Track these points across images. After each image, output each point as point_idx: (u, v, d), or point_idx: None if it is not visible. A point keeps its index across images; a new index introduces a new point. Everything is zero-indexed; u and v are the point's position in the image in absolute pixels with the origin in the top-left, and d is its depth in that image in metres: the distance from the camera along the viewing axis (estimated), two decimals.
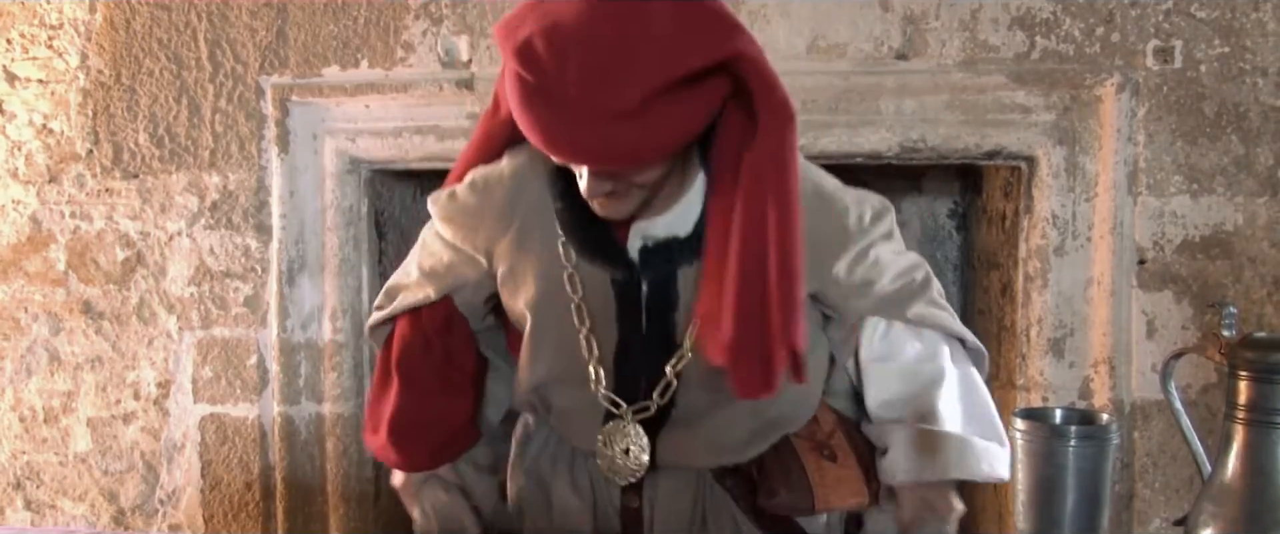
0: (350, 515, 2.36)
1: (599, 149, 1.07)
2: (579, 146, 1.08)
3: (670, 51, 1.03)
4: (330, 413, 2.34)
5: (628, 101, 1.02)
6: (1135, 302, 2.10)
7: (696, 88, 1.07)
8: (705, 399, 1.34)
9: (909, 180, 2.79)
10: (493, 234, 1.35)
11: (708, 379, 1.29)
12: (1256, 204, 2.07)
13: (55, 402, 2.43)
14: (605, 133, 1.05)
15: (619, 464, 1.34)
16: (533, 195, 1.31)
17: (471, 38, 2.20)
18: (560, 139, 1.08)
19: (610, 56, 1.03)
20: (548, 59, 1.04)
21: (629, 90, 1.02)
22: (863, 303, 1.38)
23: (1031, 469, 1.15)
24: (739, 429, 1.38)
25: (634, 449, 1.32)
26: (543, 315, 1.33)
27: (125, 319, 2.38)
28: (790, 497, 1.37)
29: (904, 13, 2.09)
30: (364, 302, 2.36)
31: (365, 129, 2.28)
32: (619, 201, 1.19)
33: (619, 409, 1.32)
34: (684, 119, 1.09)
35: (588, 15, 1.04)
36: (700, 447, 1.38)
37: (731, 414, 1.35)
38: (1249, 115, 2.05)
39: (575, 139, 1.07)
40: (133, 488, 2.42)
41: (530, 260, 1.32)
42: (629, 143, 1.06)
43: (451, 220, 1.39)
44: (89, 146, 2.36)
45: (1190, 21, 2.05)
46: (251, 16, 2.27)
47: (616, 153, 1.07)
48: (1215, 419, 1.94)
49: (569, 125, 1.06)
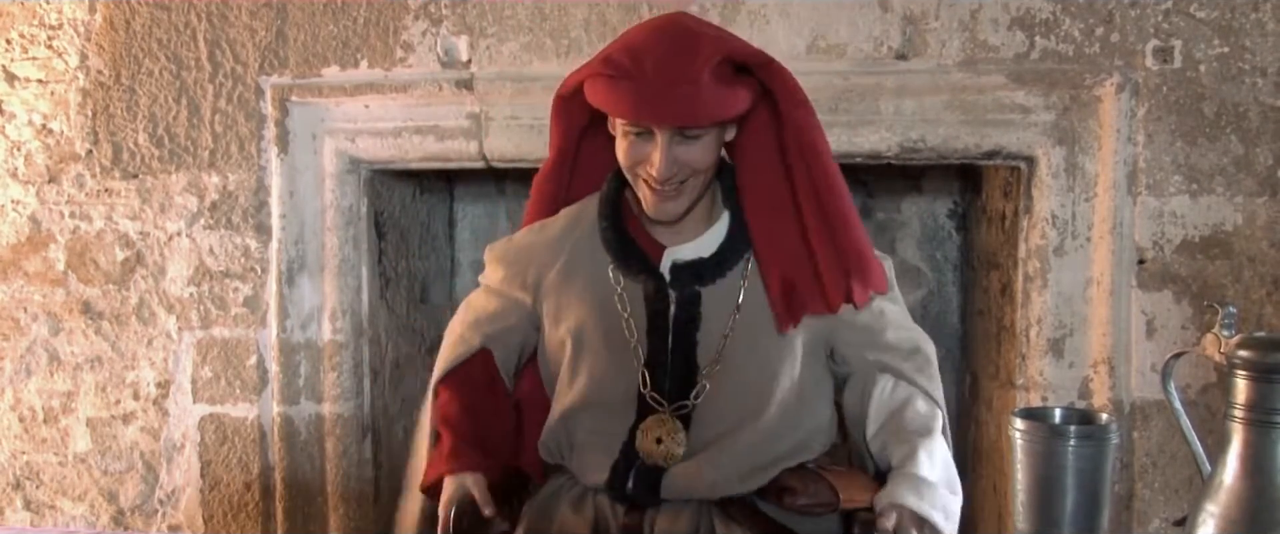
0: (350, 515, 2.36)
1: (679, 106, 1.31)
2: (662, 105, 1.32)
3: (721, 43, 1.34)
4: (330, 413, 2.34)
5: (693, 73, 1.30)
6: (1135, 302, 2.10)
7: (738, 77, 1.35)
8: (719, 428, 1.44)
9: (909, 180, 2.79)
10: (543, 267, 1.52)
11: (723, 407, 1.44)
12: (1256, 204, 2.07)
13: (55, 402, 2.43)
14: (677, 94, 1.30)
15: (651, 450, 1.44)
16: (585, 228, 1.51)
17: (471, 38, 2.20)
18: (642, 102, 1.32)
19: (676, 52, 1.32)
20: (628, 61, 1.32)
21: (693, 66, 1.30)
22: (874, 355, 1.48)
23: (1031, 469, 1.15)
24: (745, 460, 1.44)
25: (667, 440, 1.43)
26: (586, 338, 1.47)
27: (125, 319, 2.38)
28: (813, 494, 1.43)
29: (904, 13, 2.09)
30: (363, 302, 2.36)
31: (365, 129, 2.28)
32: (674, 199, 1.39)
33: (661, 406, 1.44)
34: (731, 94, 1.34)
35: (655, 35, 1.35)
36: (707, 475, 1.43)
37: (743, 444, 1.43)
38: (1248, 115, 2.05)
39: (659, 100, 1.31)
40: (132, 488, 2.42)
41: (576, 286, 1.49)
42: (700, 100, 1.31)
43: (505, 259, 1.56)
44: (88, 146, 2.36)
45: (1190, 21, 2.05)
46: (251, 16, 2.27)
47: (694, 107, 1.32)
48: (1215, 419, 1.94)
49: (648, 92, 1.31)
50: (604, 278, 1.48)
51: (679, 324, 1.44)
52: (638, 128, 1.36)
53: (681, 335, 1.44)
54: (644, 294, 1.45)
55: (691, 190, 1.40)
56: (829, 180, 1.41)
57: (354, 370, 2.35)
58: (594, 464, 1.47)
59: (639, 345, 1.45)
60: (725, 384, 1.44)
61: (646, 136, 1.36)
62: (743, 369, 1.44)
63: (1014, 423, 1.17)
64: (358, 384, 2.37)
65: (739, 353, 1.44)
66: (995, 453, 2.41)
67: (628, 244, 1.46)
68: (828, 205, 1.40)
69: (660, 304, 1.44)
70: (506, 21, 2.19)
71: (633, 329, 1.45)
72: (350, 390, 2.35)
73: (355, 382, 2.36)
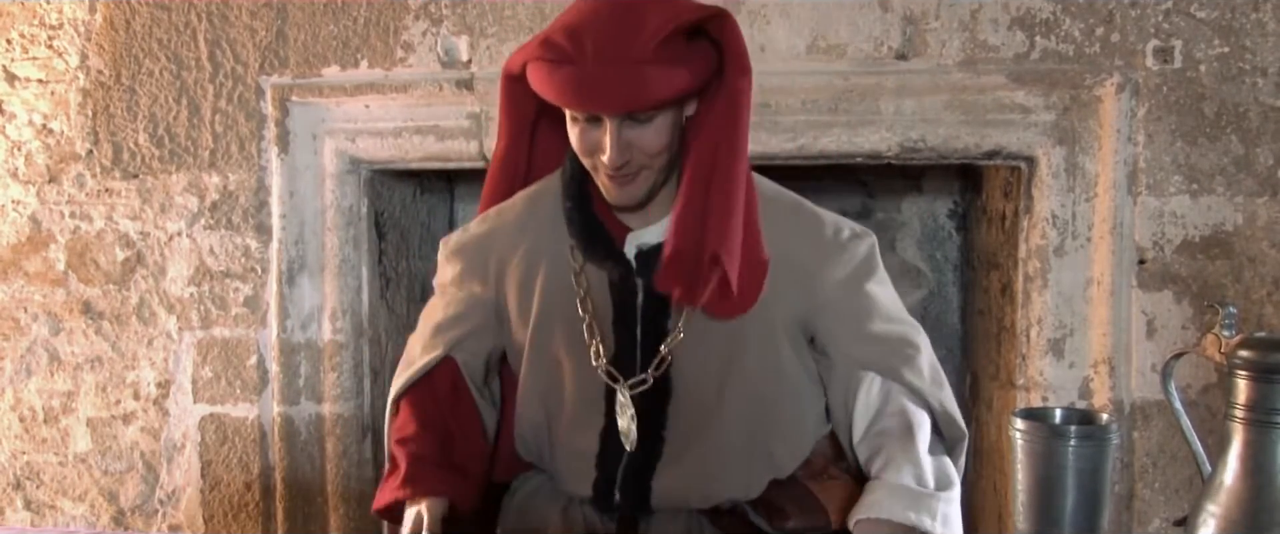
0: (350, 515, 2.36)
1: (620, 90, 1.21)
2: (602, 90, 1.21)
3: (668, 11, 1.21)
4: (330, 413, 2.34)
5: (636, 52, 1.19)
6: (1135, 302, 2.10)
7: (691, 48, 1.23)
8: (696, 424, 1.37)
9: (909, 180, 2.80)
10: (504, 255, 1.42)
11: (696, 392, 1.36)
12: (1256, 204, 2.07)
13: (55, 402, 2.43)
14: (624, 76, 1.20)
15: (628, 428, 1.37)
16: (546, 212, 1.41)
17: (471, 38, 2.20)
18: (584, 89, 1.21)
19: (618, 29, 1.20)
20: (566, 42, 1.21)
21: (636, 44, 1.19)
22: (858, 350, 1.39)
23: (1031, 469, 1.15)
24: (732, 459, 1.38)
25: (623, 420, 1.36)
26: (552, 328, 1.39)
27: (125, 319, 2.38)
28: (803, 517, 1.38)
29: (904, 13, 2.09)
30: (364, 302, 2.36)
31: (365, 129, 2.28)
32: (631, 184, 1.29)
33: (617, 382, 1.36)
34: (688, 67, 1.23)
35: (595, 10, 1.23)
36: (694, 481, 1.38)
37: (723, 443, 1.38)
38: (1249, 115, 2.05)
39: (598, 85, 1.21)
40: (132, 488, 2.42)
41: (539, 272, 1.39)
42: (644, 82, 1.20)
43: (462, 252, 1.46)
44: (89, 147, 2.36)
45: (1190, 21, 2.05)
46: (251, 17, 2.27)
47: (639, 90, 1.21)
48: (1215, 419, 1.95)
49: (591, 77, 1.20)
50: (566, 263, 1.39)
51: (647, 314, 1.36)
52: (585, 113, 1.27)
53: (651, 326, 1.36)
54: (608, 282, 1.36)
55: (649, 175, 1.30)
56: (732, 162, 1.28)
57: (354, 370, 2.35)
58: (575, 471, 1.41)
59: (604, 337, 1.37)
60: (690, 367, 1.36)
61: (596, 122, 1.26)
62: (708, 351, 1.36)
63: (1014, 423, 1.17)
64: (358, 384, 2.37)
65: (701, 333, 1.35)
66: (995, 453, 2.41)
67: (593, 227, 1.36)
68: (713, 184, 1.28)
69: (627, 294, 1.36)
70: (506, 21, 2.19)
71: (595, 317, 1.37)
72: (350, 390, 2.35)
73: (355, 382, 2.36)
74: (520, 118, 1.43)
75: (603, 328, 1.37)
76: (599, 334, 1.37)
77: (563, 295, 1.38)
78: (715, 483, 1.39)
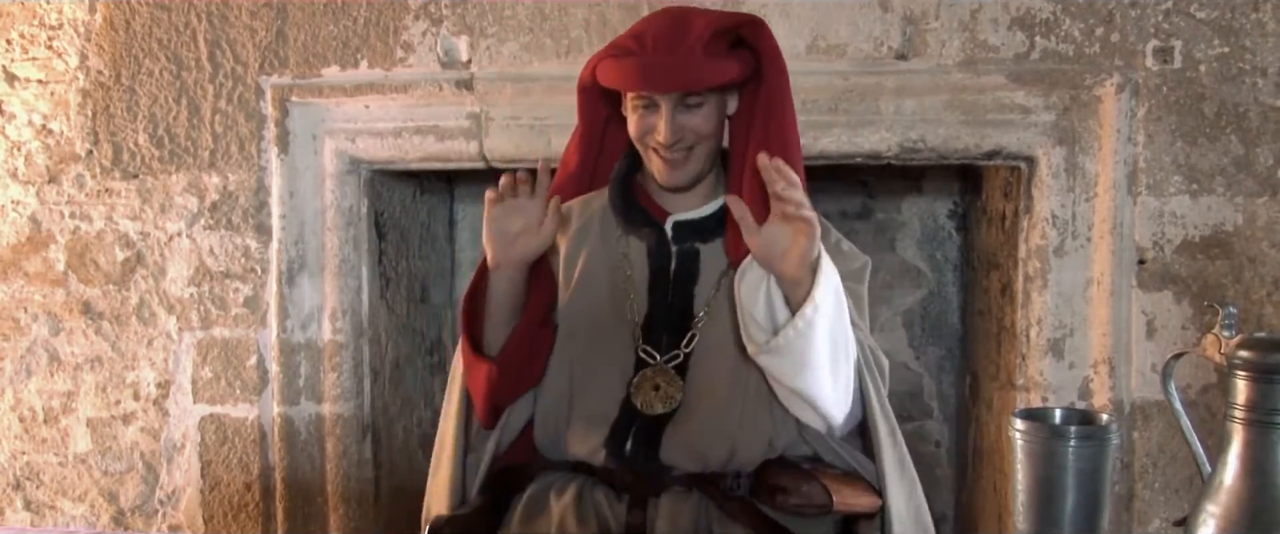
0: (350, 516, 2.36)
1: (675, 73, 1.42)
2: (660, 73, 1.42)
3: (712, 19, 1.45)
4: (330, 413, 2.34)
5: (693, 43, 1.41)
6: (1135, 302, 2.10)
7: (732, 50, 1.45)
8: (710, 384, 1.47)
9: (909, 180, 2.79)
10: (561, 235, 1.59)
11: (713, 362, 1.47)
12: (1256, 204, 2.07)
13: (55, 402, 2.43)
14: (681, 62, 1.41)
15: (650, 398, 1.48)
16: (599, 201, 1.61)
17: (471, 38, 2.20)
18: (646, 72, 1.43)
19: (671, 29, 1.44)
20: (631, 42, 1.45)
21: (687, 39, 1.41)
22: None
23: (1031, 469, 1.15)
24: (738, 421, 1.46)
25: (664, 385, 1.48)
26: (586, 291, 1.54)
27: (125, 319, 2.38)
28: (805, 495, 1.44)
29: (904, 13, 2.09)
30: (364, 302, 2.36)
31: (365, 129, 2.28)
32: (682, 167, 1.48)
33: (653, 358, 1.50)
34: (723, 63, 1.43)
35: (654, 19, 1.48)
36: (703, 438, 1.46)
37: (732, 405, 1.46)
38: (1249, 115, 2.05)
39: (656, 69, 1.42)
40: (132, 488, 2.42)
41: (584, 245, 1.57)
42: (695, 67, 1.41)
43: None
44: (89, 147, 2.36)
45: (1190, 21, 2.05)
46: (251, 17, 2.27)
47: (692, 73, 1.42)
48: (1215, 419, 1.95)
49: (651, 63, 1.43)
50: (612, 243, 1.56)
51: (678, 278, 1.51)
52: (644, 99, 1.45)
53: (679, 289, 1.51)
54: (647, 250, 1.53)
55: (698, 158, 1.49)
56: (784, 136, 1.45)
57: (354, 370, 2.35)
58: (592, 426, 1.49)
59: (638, 301, 1.52)
60: (713, 338, 1.48)
61: (653, 107, 1.45)
62: (731, 324, 1.46)
63: (1014, 423, 1.17)
64: (358, 384, 2.37)
65: (728, 308, 1.46)
66: (995, 453, 2.41)
67: (635, 207, 1.55)
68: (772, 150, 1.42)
69: (662, 260, 1.52)
70: (506, 21, 2.19)
71: (634, 286, 1.53)
72: (350, 390, 2.35)
73: (355, 382, 2.36)
74: (592, 122, 1.60)
75: (638, 292, 1.53)
76: (634, 297, 1.52)
77: (604, 265, 1.55)
78: (721, 441, 1.46)
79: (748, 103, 1.49)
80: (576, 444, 1.50)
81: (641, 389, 1.48)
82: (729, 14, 1.50)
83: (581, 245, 1.57)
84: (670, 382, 1.48)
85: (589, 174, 1.64)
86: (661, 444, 1.46)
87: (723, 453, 1.46)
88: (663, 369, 1.48)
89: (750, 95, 1.49)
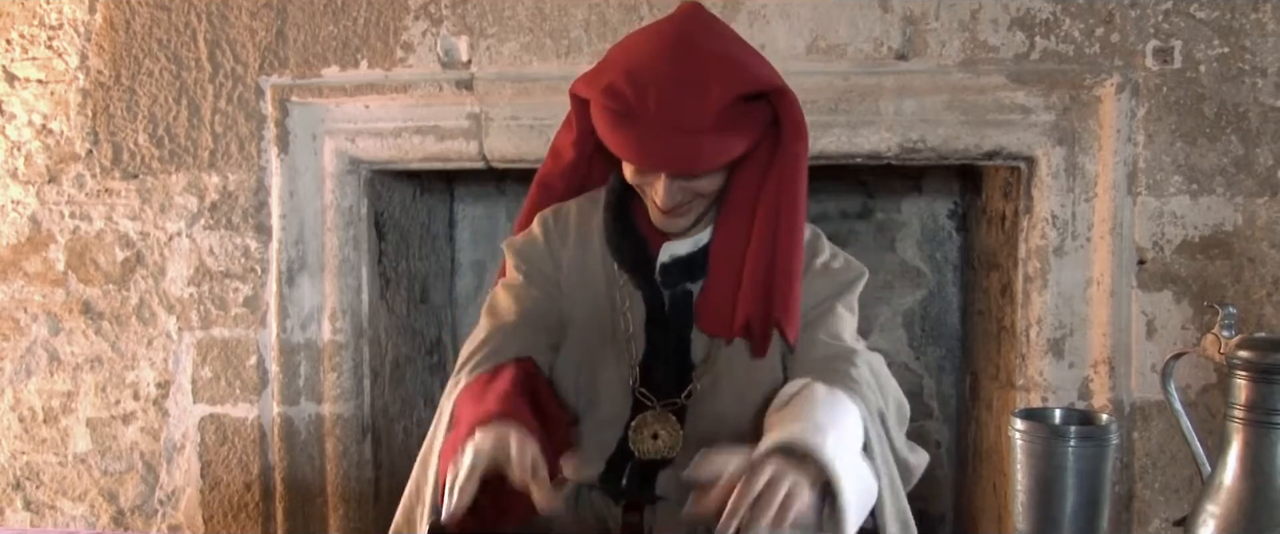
0: (350, 516, 2.36)
1: (682, 156, 1.28)
2: (664, 155, 1.28)
3: (733, 78, 1.26)
4: (330, 413, 2.34)
5: (703, 118, 1.25)
6: (1135, 302, 2.10)
7: (750, 107, 1.30)
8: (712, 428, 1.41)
9: (909, 181, 2.80)
10: (559, 249, 1.50)
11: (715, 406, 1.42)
12: (1256, 204, 2.07)
13: (55, 402, 2.43)
14: (685, 143, 1.26)
15: (648, 447, 1.43)
16: (595, 223, 1.49)
17: (471, 38, 2.20)
18: (648, 150, 1.28)
19: (681, 89, 1.25)
20: (630, 94, 1.27)
21: (700, 111, 1.25)
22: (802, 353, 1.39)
23: (1031, 469, 1.15)
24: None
25: (663, 433, 1.42)
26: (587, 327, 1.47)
27: (125, 319, 2.38)
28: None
29: (904, 13, 2.09)
30: (363, 302, 2.36)
31: (365, 129, 2.28)
32: (683, 215, 1.38)
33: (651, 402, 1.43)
34: (744, 131, 1.30)
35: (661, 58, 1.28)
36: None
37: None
38: (1249, 115, 2.05)
39: (661, 149, 1.27)
40: (132, 488, 2.42)
41: (584, 272, 1.48)
42: (704, 149, 1.27)
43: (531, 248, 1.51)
44: (89, 147, 2.36)
45: (1190, 22, 2.05)
46: (251, 17, 2.27)
47: (696, 158, 1.28)
48: (1215, 419, 1.95)
49: (650, 139, 1.27)
50: (612, 268, 1.47)
51: (672, 322, 1.44)
52: None
53: (674, 332, 1.44)
54: (641, 289, 1.45)
55: (698, 208, 1.39)
56: (791, 222, 1.35)
57: (354, 371, 2.35)
58: (588, 460, 1.45)
59: (634, 341, 1.45)
60: (716, 383, 1.43)
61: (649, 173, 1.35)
62: (733, 368, 1.42)
63: (1014, 424, 1.17)
64: (358, 384, 2.37)
65: (729, 352, 1.42)
66: (995, 453, 2.41)
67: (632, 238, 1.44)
68: (780, 243, 1.36)
69: (656, 300, 1.44)
70: (506, 22, 2.19)
71: (629, 324, 1.45)
72: (350, 391, 2.35)
73: (355, 382, 2.36)
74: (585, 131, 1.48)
75: (636, 329, 1.45)
76: (633, 333, 1.45)
77: (603, 300, 1.47)
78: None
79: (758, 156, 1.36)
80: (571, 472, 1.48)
81: (640, 436, 1.43)
82: (750, 76, 1.29)
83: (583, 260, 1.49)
84: (669, 430, 1.42)
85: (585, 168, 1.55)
86: (657, 484, 1.42)
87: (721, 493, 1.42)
88: (661, 415, 1.43)
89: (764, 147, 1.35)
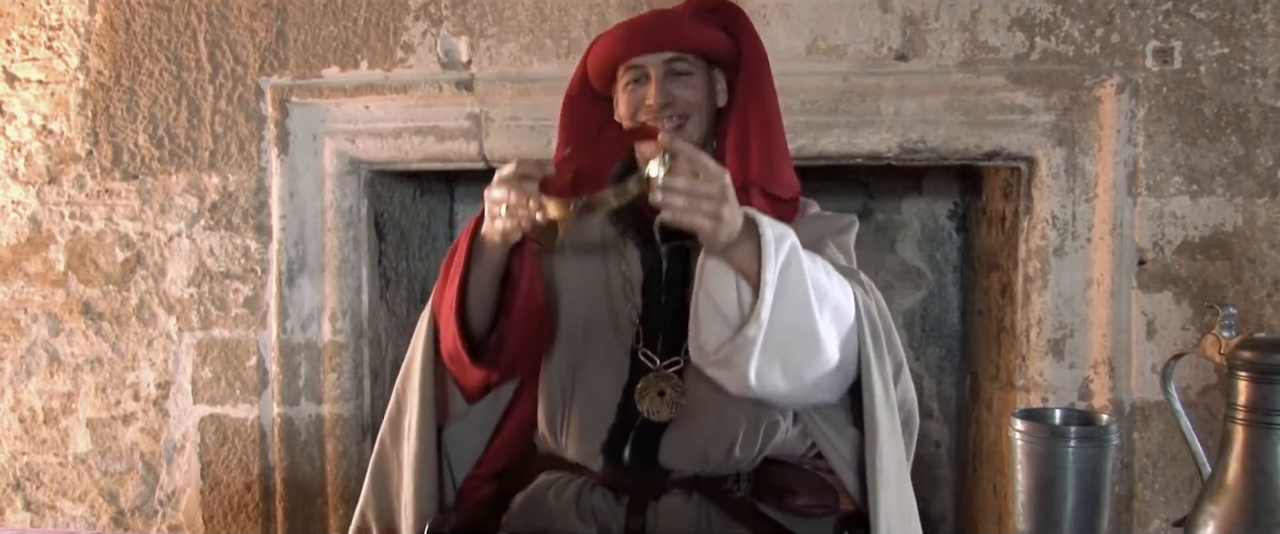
0: (350, 516, 2.34)
1: (663, 34, 1.49)
2: (648, 35, 1.49)
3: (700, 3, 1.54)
4: (330, 414, 2.34)
5: (674, 14, 1.51)
6: (1135, 302, 2.10)
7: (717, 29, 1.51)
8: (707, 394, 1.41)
9: (909, 181, 2.79)
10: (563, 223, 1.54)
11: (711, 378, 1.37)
12: (1256, 205, 2.07)
13: (55, 402, 2.43)
14: (666, 25, 1.50)
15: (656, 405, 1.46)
16: None
17: (471, 38, 2.20)
18: (633, 37, 1.49)
19: (655, 11, 1.55)
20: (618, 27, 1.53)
21: (672, 11, 1.52)
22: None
23: (1031, 469, 1.15)
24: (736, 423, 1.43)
25: (670, 390, 1.46)
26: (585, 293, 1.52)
27: (125, 320, 2.38)
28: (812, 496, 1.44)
29: (904, 13, 2.09)
30: (364, 302, 2.36)
31: (365, 130, 2.28)
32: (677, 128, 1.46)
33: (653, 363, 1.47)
34: (710, 32, 1.50)
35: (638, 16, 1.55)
36: (701, 441, 1.44)
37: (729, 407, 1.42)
38: (1249, 116, 2.05)
39: (645, 32, 1.50)
40: (132, 489, 2.42)
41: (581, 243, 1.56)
42: (681, 30, 1.49)
43: None
44: (89, 147, 2.36)
45: (1190, 22, 2.05)
46: (251, 17, 2.27)
47: (674, 36, 1.49)
48: (1215, 419, 1.95)
49: (637, 31, 1.51)
50: (610, 241, 1.55)
51: (670, 279, 1.48)
52: (634, 72, 1.49)
53: (673, 291, 1.47)
54: (638, 251, 1.52)
55: (690, 134, 1.48)
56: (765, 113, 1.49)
57: (354, 371, 2.35)
58: (589, 431, 1.47)
59: (634, 302, 1.50)
60: None
61: (642, 80, 1.48)
62: None
63: (1014, 424, 1.17)
64: (358, 385, 2.37)
65: None
66: (995, 454, 2.41)
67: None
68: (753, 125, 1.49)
69: (653, 260, 1.51)
70: (506, 22, 2.19)
71: (631, 287, 1.51)
72: (350, 391, 2.35)
73: (355, 383, 2.36)
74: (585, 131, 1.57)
75: (635, 293, 1.51)
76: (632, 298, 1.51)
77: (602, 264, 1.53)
78: (723, 442, 1.44)
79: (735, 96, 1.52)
80: (573, 448, 1.49)
81: (646, 395, 1.46)
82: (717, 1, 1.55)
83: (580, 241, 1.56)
84: (675, 388, 1.45)
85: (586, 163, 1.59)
86: (661, 448, 1.44)
87: (723, 453, 1.45)
88: (665, 374, 1.46)
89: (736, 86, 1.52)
